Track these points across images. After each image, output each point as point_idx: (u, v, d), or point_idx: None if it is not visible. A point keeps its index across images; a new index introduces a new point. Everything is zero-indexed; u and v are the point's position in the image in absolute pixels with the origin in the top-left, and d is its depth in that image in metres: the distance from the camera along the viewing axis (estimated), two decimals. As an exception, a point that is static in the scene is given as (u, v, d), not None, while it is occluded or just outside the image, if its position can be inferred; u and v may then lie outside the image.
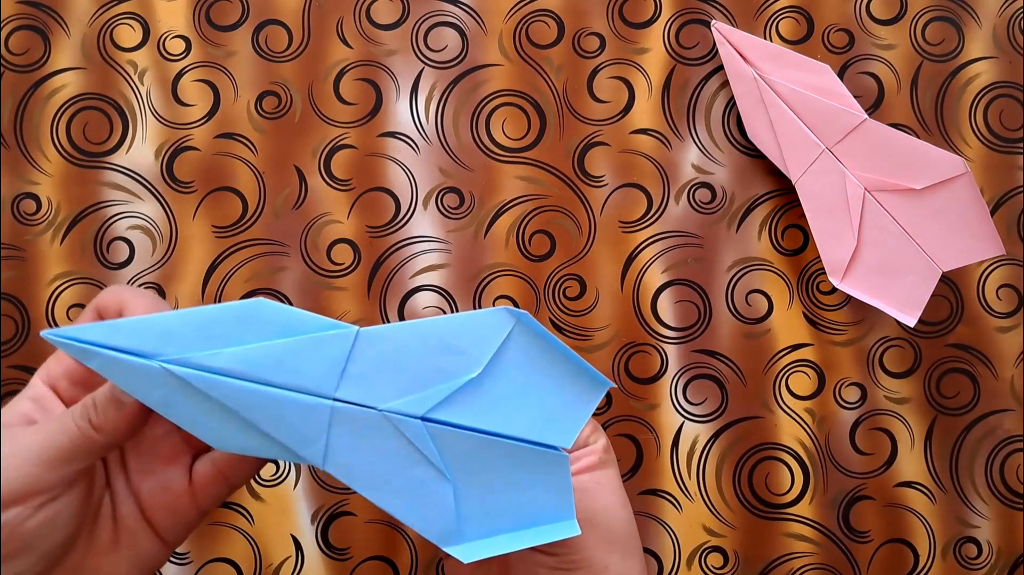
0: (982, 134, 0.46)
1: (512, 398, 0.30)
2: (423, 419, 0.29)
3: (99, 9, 0.45)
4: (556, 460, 0.30)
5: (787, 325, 0.45)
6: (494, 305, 0.44)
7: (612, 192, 0.45)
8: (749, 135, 0.45)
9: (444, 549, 0.30)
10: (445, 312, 0.44)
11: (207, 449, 0.32)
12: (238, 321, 0.28)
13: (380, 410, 0.29)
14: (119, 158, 0.44)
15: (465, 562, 0.29)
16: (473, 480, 0.30)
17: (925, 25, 0.46)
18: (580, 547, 0.32)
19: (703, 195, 0.45)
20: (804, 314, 0.45)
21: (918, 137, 0.44)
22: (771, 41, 0.45)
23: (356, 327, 0.28)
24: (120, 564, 0.31)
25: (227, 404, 0.28)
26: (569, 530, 0.30)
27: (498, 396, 0.29)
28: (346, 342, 0.28)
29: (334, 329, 0.28)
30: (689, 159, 0.45)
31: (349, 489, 0.44)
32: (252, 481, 0.43)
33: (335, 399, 0.29)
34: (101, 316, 0.31)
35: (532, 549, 0.32)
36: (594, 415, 0.44)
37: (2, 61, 0.45)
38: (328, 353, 0.28)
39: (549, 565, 0.32)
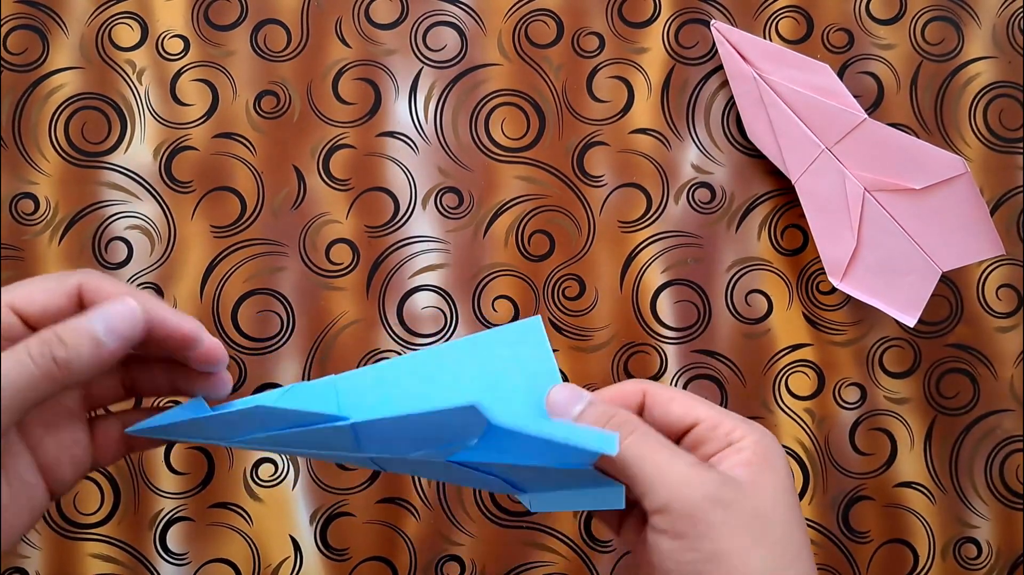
0: (982, 134, 0.46)
1: (521, 450, 0.30)
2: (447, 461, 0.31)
3: (97, 9, 0.45)
4: (581, 472, 0.30)
5: (787, 325, 0.45)
6: (493, 306, 0.44)
7: (611, 192, 0.45)
8: (749, 135, 0.45)
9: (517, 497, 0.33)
10: (444, 312, 0.44)
11: (105, 405, 0.32)
12: (248, 418, 0.30)
13: (407, 458, 0.31)
14: (117, 158, 0.44)
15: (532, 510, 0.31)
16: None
17: (925, 25, 0.46)
18: (711, 535, 0.28)
19: (703, 195, 0.45)
20: (804, 314, 0.45)
21: (918, 137, 0.44)
22: (771, 41, 0.45)
23: (349, 421, 0.29)
24: (18, 517, 0.29)
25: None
26: (616, 502, 0.31)
27: (507, 447, 0.30)
28: (347, 433, 0.30)
29: (329, 423, 0.30)
30: (688, 159, 0.45)
31: (348, 489, 0.44)
32: (251, 482, 0.43)
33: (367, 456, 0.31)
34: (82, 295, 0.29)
35: (657, 531, 0.29)
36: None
37: (0, 60, 0.44)
38: (339, 439, 0.30)
39: (677, 557, 0.28)
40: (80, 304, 0.29)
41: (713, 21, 0.45)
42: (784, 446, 0.44)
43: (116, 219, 0.44)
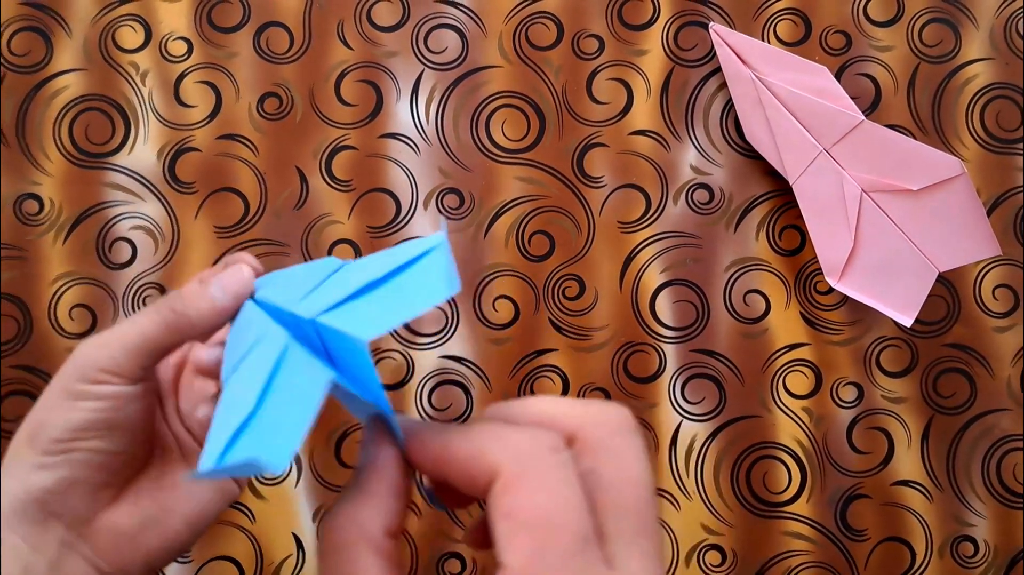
0: (979, 135, 0.46)
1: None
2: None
3: (101, 11, 0.45)
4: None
5: (785, 325, 0.45)
6: (494, 306, 0.45)
7: (611, 193, 0.45)
8: (747, 136, 0.45)
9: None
10: (445, 312, 0.45)
11: None
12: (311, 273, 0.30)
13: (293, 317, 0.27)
14: (121, 159, 0.45)
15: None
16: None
17: (922, 27, 0.46)
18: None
19: (701, 196, 0.46)
20: (801, 314, 0.45)
21: (915, 138, 0.44)
22: (769, 43, 0.46)
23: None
24: (204, 485, 0.34)
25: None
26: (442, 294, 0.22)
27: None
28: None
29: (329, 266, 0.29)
30: (687, 160, 0.46)
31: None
32: (253, 479, 0.44)
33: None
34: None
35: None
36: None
37: (4, 62, 0.45)
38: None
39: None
40: None
41: (712, 23, 0.45)
42: (782, 445, 0.45)
43: (120, 220, 0.44)
